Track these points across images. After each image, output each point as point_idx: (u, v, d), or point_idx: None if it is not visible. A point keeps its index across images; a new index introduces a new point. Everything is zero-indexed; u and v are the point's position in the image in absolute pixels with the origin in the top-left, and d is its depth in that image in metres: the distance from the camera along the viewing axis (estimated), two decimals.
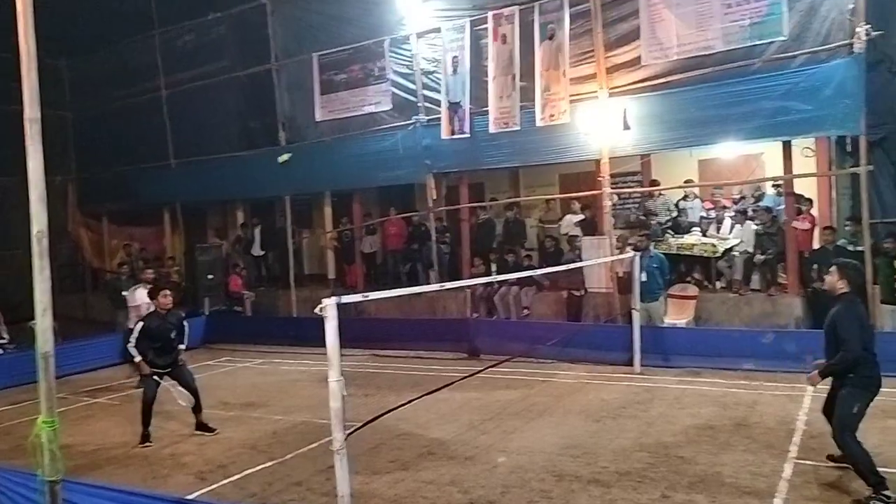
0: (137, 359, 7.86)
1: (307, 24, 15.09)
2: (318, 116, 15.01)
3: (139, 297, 10.55)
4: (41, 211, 4.18)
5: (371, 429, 7.00)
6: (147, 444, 7.69)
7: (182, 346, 8.10)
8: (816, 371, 5.51)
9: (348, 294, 4.96)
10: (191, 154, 16.79)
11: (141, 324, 8.00)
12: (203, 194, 17.17)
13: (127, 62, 18.07)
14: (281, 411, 8.76)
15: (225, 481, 6.33)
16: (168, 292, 8.15)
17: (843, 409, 5.31)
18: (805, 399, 7.89)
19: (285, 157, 5.95)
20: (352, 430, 5.27)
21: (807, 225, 10.83)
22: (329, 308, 4.25)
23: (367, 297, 4.88)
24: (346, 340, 4.53)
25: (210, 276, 15.92)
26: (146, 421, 7.78)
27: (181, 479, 6.46)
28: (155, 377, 7.85)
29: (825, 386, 8.35)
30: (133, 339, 7.89)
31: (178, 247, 18.20)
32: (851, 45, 9.61)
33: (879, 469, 5.14)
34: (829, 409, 5.60)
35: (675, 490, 5.49)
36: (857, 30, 9.51)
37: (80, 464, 6.94)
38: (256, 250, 16.69)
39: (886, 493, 5.00)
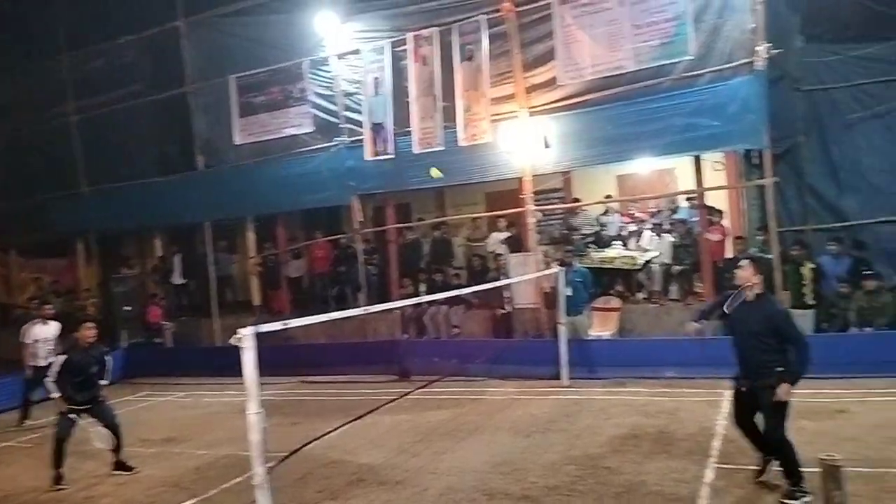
0: (55, 395, 7.44)
1: (223, 46, 14.86)
2: (238, 139, 14.76)
3: (35, 333, 10.42)
4: None
5: (299, 458, 6.85)
6: (61, 486, 7.27)
7: (104, 382, 7.73)
8: (786, 384, 5.26)
9: (275, 320, 4.85)
10: (104, 181, 16.19)
11: (63, 357, 7.58)
12: (119, 222, 16.54)
13: (34, 87, 17.28)
14: (204, 445, 8.46)
15: None
16: (92, 324, 7.81)
17: (781, 409, 5.34)
18: (723, 403, 8.13)
19: (437, 172, 5.67)
20: (277, 461, 5.13)
21: (719, 236, 11.27)
22: (246, 338, 4.14)
23: (287, 324, 4.77)
24: (272, 368, 4.42)
25: (127, 308, 15.36)
26: (58, 461, 7.36)
27: None
28: (72, 415, 7.43)
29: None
30: (54, 374, 7.47)
31: (92, 278, 17.42)
32: (753, 63, 10.12)
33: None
34: (743, 417, 5.67)
35: (603, 501, 5.57)
36: (758, 48, 10.04)
37: None
38: (177, 279, 16.17)
39: (805, 487, 5.16)
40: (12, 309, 18.36)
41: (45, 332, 10.46)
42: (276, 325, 4.62)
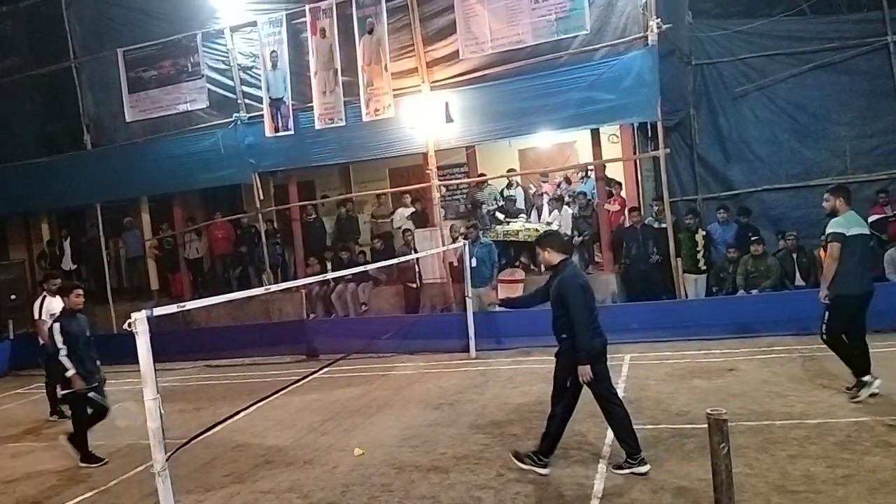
0: (71, 372, 6.95)
1: (109, 18, 14.07)
2: (129, 116, 14.04)
3: (51, 307, 8.74)
4: None
5: (203, 443, 6.71)
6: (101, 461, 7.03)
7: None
8: (587, 366, 5.24)
9: (173, 304, 4.66)
10: None
11: (58, 325, 7.06)
12: (1, 205, 15.47)
13: None
14: (102, 436, 8.03)
15: None
16: (81, 291, 7.36)
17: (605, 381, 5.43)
18: (623, 367, 8.52)
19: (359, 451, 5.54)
20: (178, 446, 4.98)
21: (617, 206, 11.68)
22: (139, 322, 3.97)
23: (182, 306, 4.60)
24: (174, 353, 4.27)
25: (13, 297, 14.41)
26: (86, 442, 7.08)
27: None
28: (89, 394, 7.09)
29: (639, 353, 9.12)
30: (63, 347, 6.96)
31: None
32: (646, 37, 10.44)
33: (689, 426, 5.63)
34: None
35: (509, 467, 5.69)
36: (650, 23, 10.35)
37: None
38: (67, 264, 15.31)
39: (639, 456, 5.35)
40: None
41: (59, 306, 8.54)
42: (171, 308, 4.45)
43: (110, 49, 13.97)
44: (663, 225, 10.91)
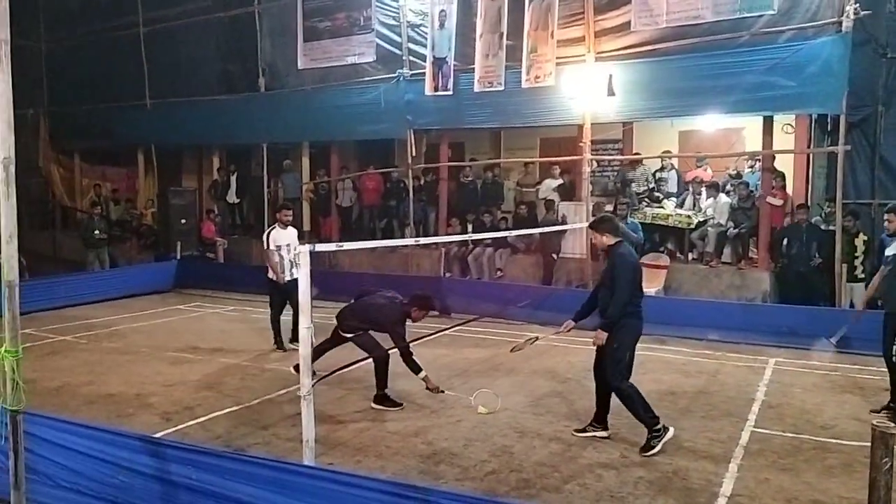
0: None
1: None
2: (301, 64, 14.74)
3: (277, 238, 8.98)
4: (8, 136, 4.04)
5: (339, 379, 7.11)
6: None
7: None
8: (604, 334, 5.61)
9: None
10: (167, 95, 16.48)
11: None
12: (178, 137, 16.89)
13: None
14: (250, 358, 8.75)
15: (191, 422, 6.34)
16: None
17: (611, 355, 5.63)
18: (765, 370, 8.09)
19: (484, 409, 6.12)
20: (319, 378, 5.29)
21: (780, 201, 10.95)
22: (302, 255, 4.22)
23: (341, 246, 4.87)
24: (319, 292, 4.51)
25: (183, 221, 15.72)
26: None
27: (146, 418, 6.46)
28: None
29: (785, 359, 8.61)
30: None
31: (150, 189, 17.93)
32: (840, 23, 9.63)
33: (833, 440, 5.28)
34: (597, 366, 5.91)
35: (631, 451, 5.62)
36: (847, 8, 9.53)
37: (45, 400, 6.90)
38: (232, 197, 16.51)
39: (658, 427, 5.51)
40: (74, 212, 19.05)
41: (287, 237, 9.03)
42: (330, 246, 4.70)
43: None
44: (831, 227, 10.13)
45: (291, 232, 9.16)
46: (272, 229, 9.11)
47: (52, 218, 19.73)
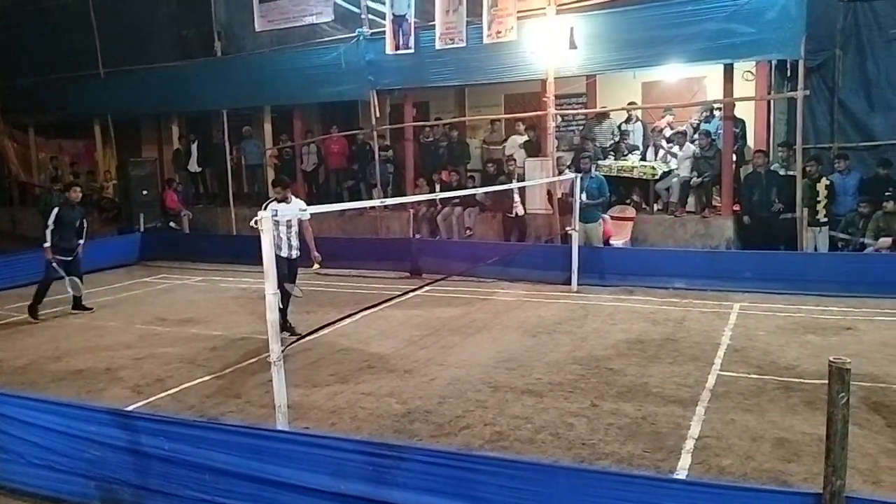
0: (47, 244, 9.13)
1: None
2: (258, 26, 14.40)
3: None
4: None
5: (312, 344, 7.13)
6: (35, 320, 9.21)
7: (81, 241, 9.59)
8: None
9: None
10: (121, 63, 15.96)
11: (56, 210, 9.36)
12: (135, 106, 16.38)
13: None
14: (220, 328, 8.70)
15: (162, 394, 6.30)
16: (78, 188, 10.12)
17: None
18: (731, 316, 8.27)
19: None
20: (291, 342, 5.28)
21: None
22: (264, 221, 4.16)
23: (304, 210, 4.79)
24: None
25: (144, 192, 15.41)
26: (39, 300, 9.33)
27: (117, 392, 6.41)
28: (56, 266, 9.19)
29: (750, 303, 8.81)
30: (52, 224, 9.20)
31: (109, 161, 17.49)
32: None
33: (797, 380, 5.39)
34: None
35: (604, 399, 5.73)
36: None
37: (12, 378, 6.81)
38: (193, 166, 16.19)
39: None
40: (31, 188, 18.56)
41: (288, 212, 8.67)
42: (294, 210, 4.64)
43: None
44: (791, 172, 10.27)
45: (293, 206, 8.32)
46: (270, 202, 8.59)
47: (9, 194, 19.22)
